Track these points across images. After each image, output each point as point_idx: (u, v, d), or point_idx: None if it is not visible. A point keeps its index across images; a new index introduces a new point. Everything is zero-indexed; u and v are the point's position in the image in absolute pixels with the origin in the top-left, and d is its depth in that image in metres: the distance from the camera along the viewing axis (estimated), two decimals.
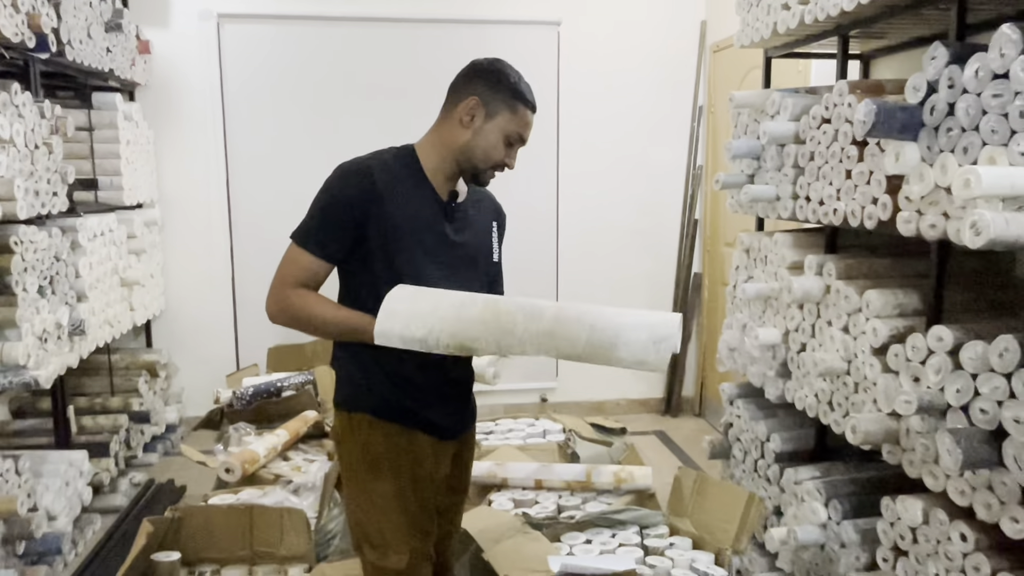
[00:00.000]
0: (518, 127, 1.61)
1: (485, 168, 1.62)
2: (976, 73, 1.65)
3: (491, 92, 1.59)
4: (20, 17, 2.68)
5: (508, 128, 1.60)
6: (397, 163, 1.61)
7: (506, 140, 1.61)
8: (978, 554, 1.71)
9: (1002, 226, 1.48)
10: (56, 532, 2.70)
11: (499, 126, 1.59)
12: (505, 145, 1.61)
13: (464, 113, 1.59)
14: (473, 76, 1.62)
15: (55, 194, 2.92)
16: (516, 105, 1.59)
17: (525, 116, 1.61)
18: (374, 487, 1.59)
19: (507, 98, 1.59)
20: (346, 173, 1.57)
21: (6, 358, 2.61)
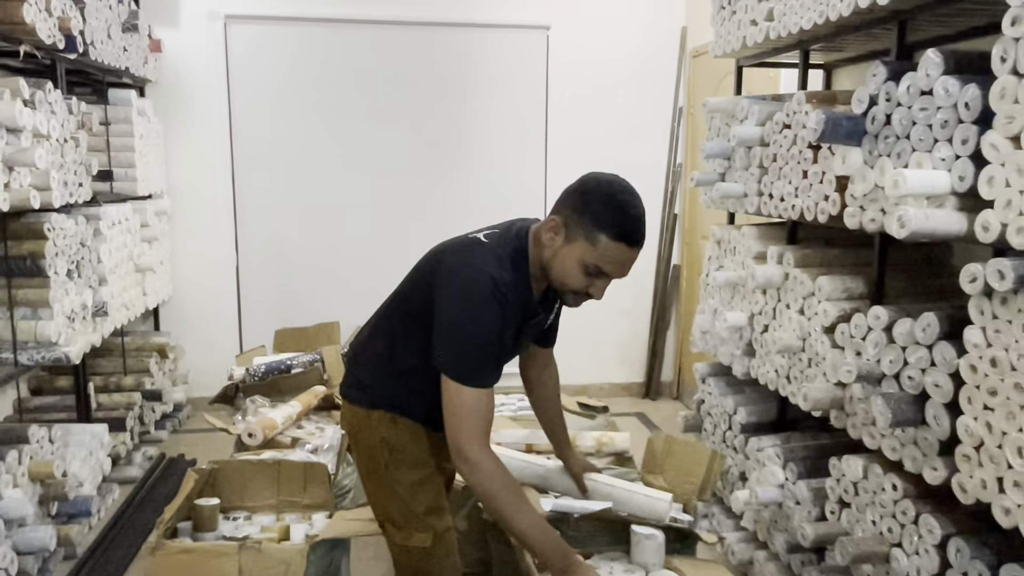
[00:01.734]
0: (597, 260, 1.49)
1: (563, 292, 1.58)
2: (908, 89, 1.93)
3: (575, 215, 1.50)
4: (53, 20, 2.90)
5: (585, 259, 1.50)
6: (514, 277, 1.54)
7: (584, 270, 1.51)
8: (906, 500, 2.00)
9: (922, 220, 1.77)
10: (85, 496, 2.94)
11: (575, 254, 1.50)
12: (583, 274, 1.51)
13: (546, 230, 1.54)
14: (569, 193, 1.55)
15: (80, 185, 3.15)
16: (597, 236, 1.47)
17: (608, 250, 1.48)
18: (395, 477, 1.68)
19: (588, 225, 1.48)
20: (499, 293, 1.49)
21: (40, 335, 2.85)
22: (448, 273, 1.55)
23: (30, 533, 2.53)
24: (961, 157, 1.77)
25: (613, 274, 1.52)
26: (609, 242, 1.47)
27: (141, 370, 3.99)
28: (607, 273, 1.51)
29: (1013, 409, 1.61)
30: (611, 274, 1.51)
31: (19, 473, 2.56)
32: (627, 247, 1.48)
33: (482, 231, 1.65)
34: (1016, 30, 1.58)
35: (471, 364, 1.49)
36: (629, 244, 1.48)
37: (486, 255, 1.54)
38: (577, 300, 1.58)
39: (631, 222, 1.48)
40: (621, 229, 1.47)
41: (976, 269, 1.67)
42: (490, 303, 1.48)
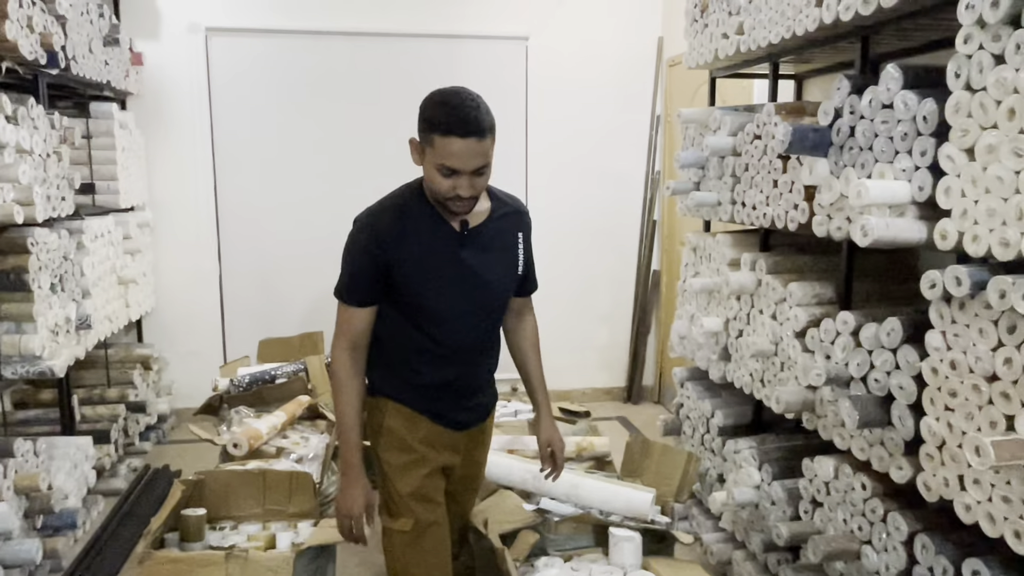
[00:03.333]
0: (441, 157, 1.57)
1: (441, 202, 1.66)
2: (870, 103, 2.01)
3: (419, 129, 1.63)
4: (35, 36, 2.92)
5: (436, 160, 1.59)
6: (412, 201, 1.71)
7: (440, 171, 1.59)
8: (875, 499, 2.07)
9: (883, 229, 1.84)
10: (70, 509, 2.95)
11: (429, 162, 1.61)
12: (442, 176, 1.60)
13: (413, 159, 1.67)
14: (419, 116, 1.64)
15: (63, 199, 3.17)
16: (431, 136, 1.58)
17: (445, 146, 1.56)
18: (385, 458, 1.79)
19: (426, 131, 1.60)
20: (361, 227, 1.71)
21: (24, 349, 2.86)
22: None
23: (16, 547, 2.55)
24: (920, 168, 1.85)
25: (461, 168, 1.57)
26: (442, 139, 1.56)
27: (125, 382, 4.00)
28: (456, 168, 1.57)
29: (971, 410, 1.68)
30: (459, 168, 1.57)
31: (4, 487, 2.57)
32: (459, 138, 1.55)
33: None
34: (968, 47, 1.66)
35: (340, 281, 1.73)
36: (460, 135, 1.55)
37: (373, 204, 1.75)
38: (455, 204, 1.64)
39: (453, 114, 1.55)
40: (447, 123, 1.55)
41: (935, 275, 1.74)
42: (357, 234, 1.70)
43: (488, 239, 1.76)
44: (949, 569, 1.82)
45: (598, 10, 4.72)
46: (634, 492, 2.08)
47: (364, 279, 1.70)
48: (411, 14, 4.53)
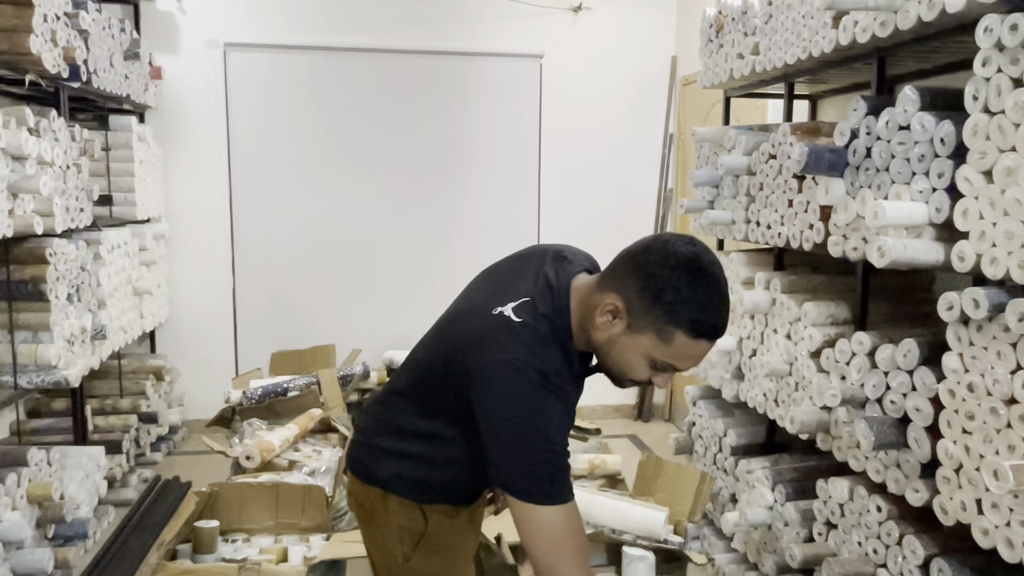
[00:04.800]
0: (670, 358, 1.22)
1: (620, 380, 1.32)
2: (887, 124, 2.01)
3: (642, 301, 1.19)
4: (58, 50, 2.97)
5: (654, 354, 1.22)
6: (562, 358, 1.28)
7: (651, 364, 1.24)
8: (890, 522, 2.05)
9: (900, 250, 1.84)
10: (81, 518, 2.95)
11: (641, 348, 1.22)
12: (649, 367, 1.25)
13: (600, 312, 1.24)
14: (633, 266, 1.22)
15: (82, 210, 3.21)
16: (672, 333, 1.18)
17: (685, 348, 1.20)
18: (419, 568, 1.44)
19: (660, 318, 1.18)
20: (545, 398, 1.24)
21: (40, 359, 2.89)
22: (485, 371, 1.26)
23: (28, 556, 2.55)
24: (937, 190, 1.84)
25: (687, 369, 1.26)
26: (687, 339, 1.18)
27: (137, 392, 4.01)
28: (681, 369, 1.25)
29: (990, 433, 1.67)
30: (684, 369, 1.26)
31: (18, 496, 2.58)
32: (708, 342, 1.21)
33: (507, 295, 1.32)
34: (986, 70, 1.66)
35: (544, 477, 1.22)
36: (710, 339, 1.20)
37: (526, 340, 1.26)
38: (634, 385, 1.33)
39: (716, 313, 1.19)
40: (704, 325, 1.18)
41: (953, 297, 1.73)
42: (546, 400, 1.23)
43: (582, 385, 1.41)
44: None
45: (612, 29, 4.75)
46: (647, 511, 2.07)
47: (564, 451, 1.26)
48: (427, 31, 4.57)
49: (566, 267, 1.36)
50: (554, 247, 1.44)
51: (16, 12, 2.75)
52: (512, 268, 1.43)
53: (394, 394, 1.49)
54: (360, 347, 4.10)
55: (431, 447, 1.41)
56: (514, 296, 1.31)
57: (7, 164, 2.60)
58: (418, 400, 1.43)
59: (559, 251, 1.42)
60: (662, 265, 1.19)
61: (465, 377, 1.29)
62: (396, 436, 1.44)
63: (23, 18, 2.76)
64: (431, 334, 1.48)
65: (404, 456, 1.43)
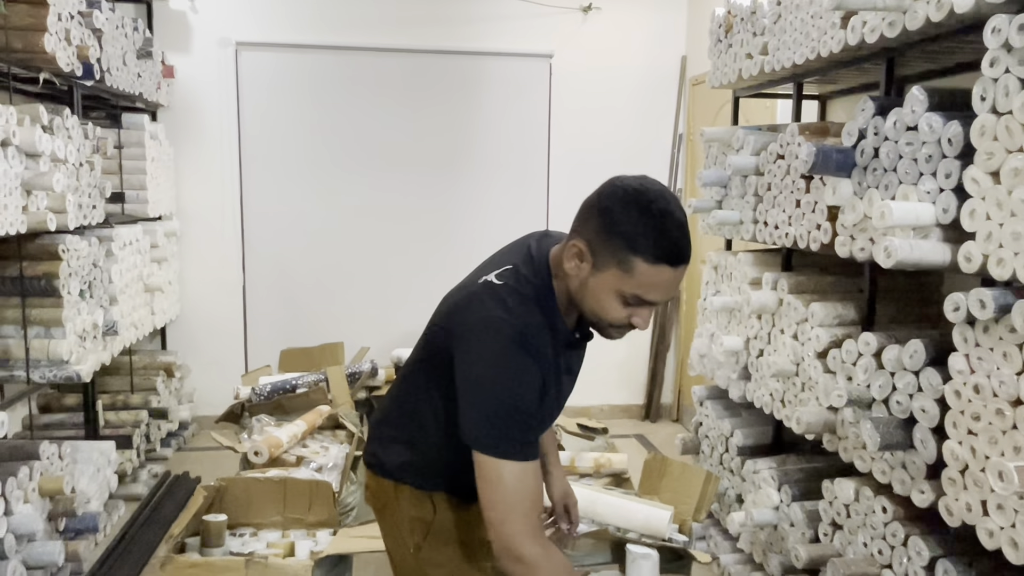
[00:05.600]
0: (638, 287, 1.22)
1: (602, 327, 1.32)
2: (894, 124, 2.01)
3: (601, 236, 1.23)
4: (72, 49, 3.00)
5: (620, 287, 1.23)
6: (541, 317, 1.30)
7: (621, 299, 1.24)
8: (895, 523, 2.05)
9: (907, 251, 1.84)
10: (92, 512, 2.98)
11: (608, 283, 1.23)
12: (621, 304, 1.25)
13: (568, 258, 1.28)
14: (589, 207, 1.27)
15: (94, 207, 3.24)
16: (632, 261, 1.20)
17: (647, 275, 1.20)
18: (430, 558, 1.46)
19: (619, 248, 1.20)
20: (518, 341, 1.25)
21: (52, 354, 2.92)
22: (465, 330, 1.30)
23: (39, 548, 2.58)
24: (945, 190, 1.84)
25: (657, 300, 1.24)
26: (647, 266, 1.19)
27: (148, 388, 4.05)
28: (653, 301, 1.24)
29: (995, 434, 1.67)
30: (654, 301, 1.24)
31: (30, 489, 2.61)
32: (670, 268, 1.20)
33: (493, 267, 1.38)
34: (994, 71, 1.66)
35: (506, 433, 1.24)
36: (672, 264, 1.20)
37: (505, 300, 1.29)
38: (620, 332, 1.32)
39: (671, 237, 1.19)
40: (661, 249, 1.19)
41: (959, 298, 1.73)
42: (520, 357, 1.24)
43: (580, 351, 1.46)
44: None
45: (622, 29, 4.75)
46: (652, 510, 2.08)
47: (535, 415, 1.27)
48: (437, 31, 4.59)
49: (548, 241, 1.43)
50: (541, 231, 1.52)
51: (31, 11, 2.79)
52: (502, 249, 1.51)
53: (398, 383, 1.55)
54: (368, 345, 4.12)
55: (432, 427, 1.43)
56: (499, 267, 1.38)
57: (21, 161, 2.63)
58: (418, 381, 1.46)
59: (546, 232, 1.51)
60: (613, 199, 1.24)
61: (451, 340, 1.33)
62: (400, 422, 1.48)
63: (38, 17, 2.79)
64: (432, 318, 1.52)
65: (408, 442, 1.46)
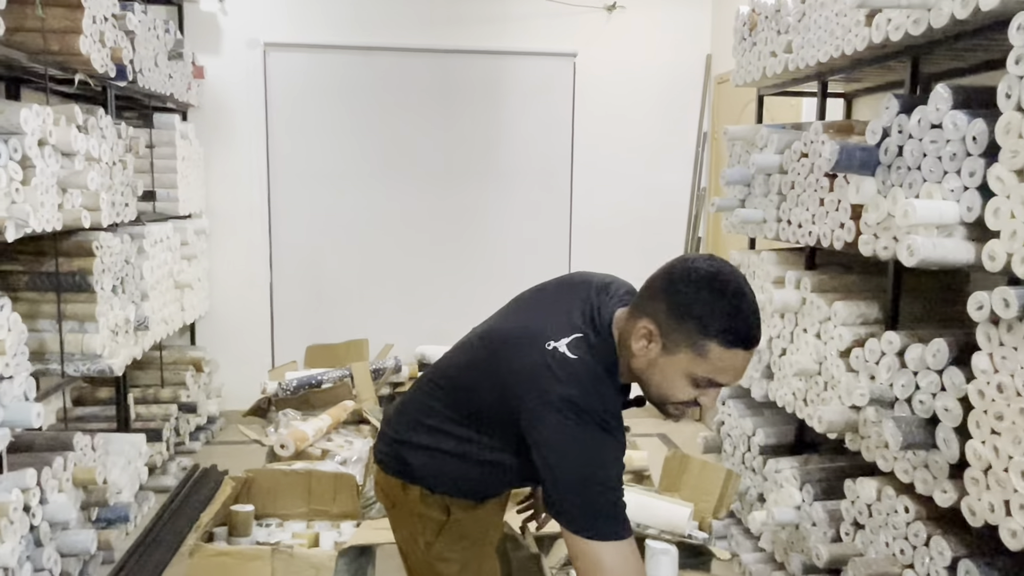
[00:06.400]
0: (709, 372, 1.22)
1: (664, 405, 1.31)
2: (919, 122, 2.00)
3: (672, 320, 1.22)
4: (106, 51, 3.07)
5: (693, 370, 1.23)
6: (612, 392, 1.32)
7: (692, 382, 1.24)
8: (917, 523, 2.04)
9: (930, 249, 1.83)
10: (123, 503, 3.06)
11: (679, 366, 1.23)
12: (692, 387, 1.25)
13: (635, 338, 1.26)
14: (658, 289, 1.25)
15: (127, 205, 3.32)
16: (706, 345, 1.19)
17: (721, 359, 1.20)
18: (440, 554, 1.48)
19: (693, 332, 1.20)
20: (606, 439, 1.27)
21: (86, 348, 3.00)
22: (544, 414, 1.27)
23: (73, 536, 2.65)
24: (969, 188, 1.83)
25: (728, 383, 1.26)
26: (722, 350, 1.19)
27: (178, 383, 4.13)
28: (723, 384, 1.25)
29: (1019, 433, 1.66)
30: (726, 384, 1.26)
31: (64, 479, 2.69)
32: (744, 351, 1.21)
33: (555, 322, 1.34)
34: (1020, 68, 1.65)
35: (601, 513, 1.24)
36: (747, 348, 1.21)
37: (582, 381, 1.28)
38: (681, 411, 1.32)
39: (747, 322, 1.20)
40: (736, 333, 1.19)
41: (983, 297, 1.72)
42: (604, 438, 1.26)
43: None
44: None
45: (647, 27, 4.75)
46: (672, 507, 2.09)
47: (621, 489, 1.27)
48: (462, 31, 4.62)
49: (610, 301, 1.37)
50: (598, 278, 1.46)
51: (67, 14, 2.86)
52: (559, 296, 1.44)
53: (427, 395, 1.51)
54: (392, 342, 4.15)
55: (465, 448, 1.43)
56: (566, 330, 1.33)
57: (57, 160, 2.70)
58: (455, 406, 1.45)
59: (604, 284, 1.43)
60: (685, 282, 1.22)
61: (519, 407, 1.31)
62: (427, 433, 1.47)
63: (73, 20, 2.86)
64: (476, 346, 1.47)
65: (435, 451, 1.46)
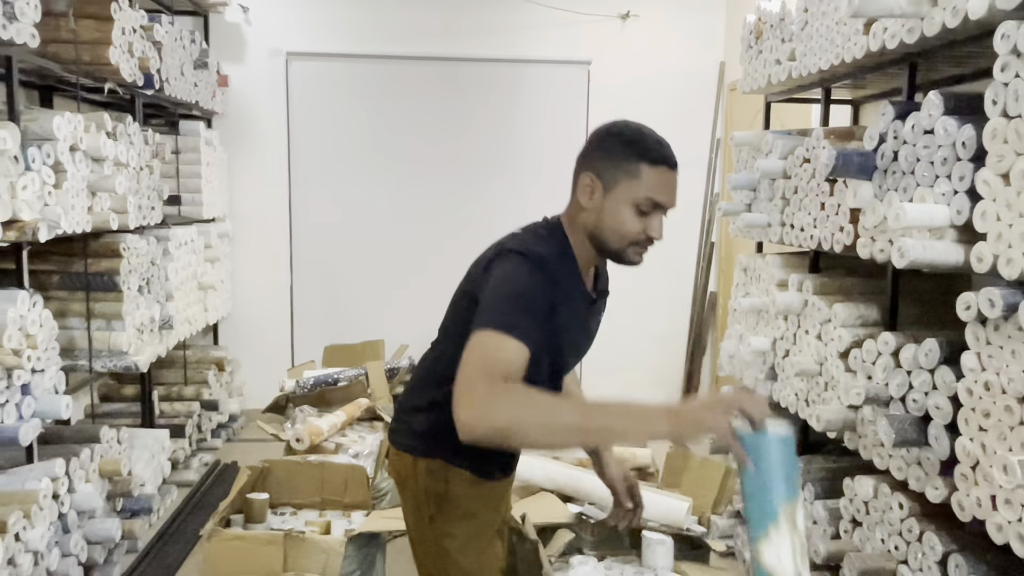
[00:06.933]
0: (647, 191, 1.38)
1: (623, 247, 1.44)
2: (912, 128, 2.05)
3: (604, 161, 1.41)
4: (134, 61, 3.21)
5: (634, 196, 1.39)
6: (563, 259, 1.46)
7: (637, 209, 1.40)
8: (911, 519, 2.09)
9: (920, 251, 1.88)
10: (147, 495, 3.18)
11: (622, 197, 1.40)
12: (638, 215, 1.40)
13: (581, 194, 1.44)
14: (587, 148, 1.46)
15: (153, 208, 3.45)
16: (637, 167, 1.38)
17: (653, 177, 1.38)
18: (446, 529, 1.53)
19: (622, 162, 1.39)
20: (541, 264, 1.38)
21: (113, 345, 3.12)
22: (499, 257, 1.42)
23: (99, 525, 2.77)
24: (959, 192, 1.88)
25: (667, 202, 1.41)
26: (651, 168, 1.39)
27: (200, 381, 4.26)
28: (661, 203, 1.41)
29: (1004, 430, 1.71)
30: (665, 203, 1.41)
31: (91, 469, 2.81)
32: (668, 169, 1.41)
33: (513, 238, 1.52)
34: (1005, 76, 1.71)
35: (502, 310, 1.29)
36: (669, 166, 1.41)
37: (525, 240, 1.45)
38: (638, 251, 1.46)
39: (660, 143, 1.42)
40: (657, 152, 1.40)
41: (970, 297, 1.77)
42: (532, 272, 1.36)
43: (597, 311, 1.62)
44: None
45: (661, 35, 4.83)
46: (671, 501, 2.15)
47: (537, 317, 1.33)
48: (479, 39, 4.73)
49: (549, 218, 1.58)
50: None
51: (98, 26, 3.00)
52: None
53: (423, 361, 1.64)
54: (407, 342, 4.25)
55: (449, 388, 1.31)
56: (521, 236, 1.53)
57: (87, 165, 2.83)
58: (441, 347, 1.56)
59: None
60: (605, 136, 1.45)
61: (473, 286, 1.45)
62: (423, 389, 1.57)
63: (104, 31, 3.00)
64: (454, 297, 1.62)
65: (428, 407, 1.53)
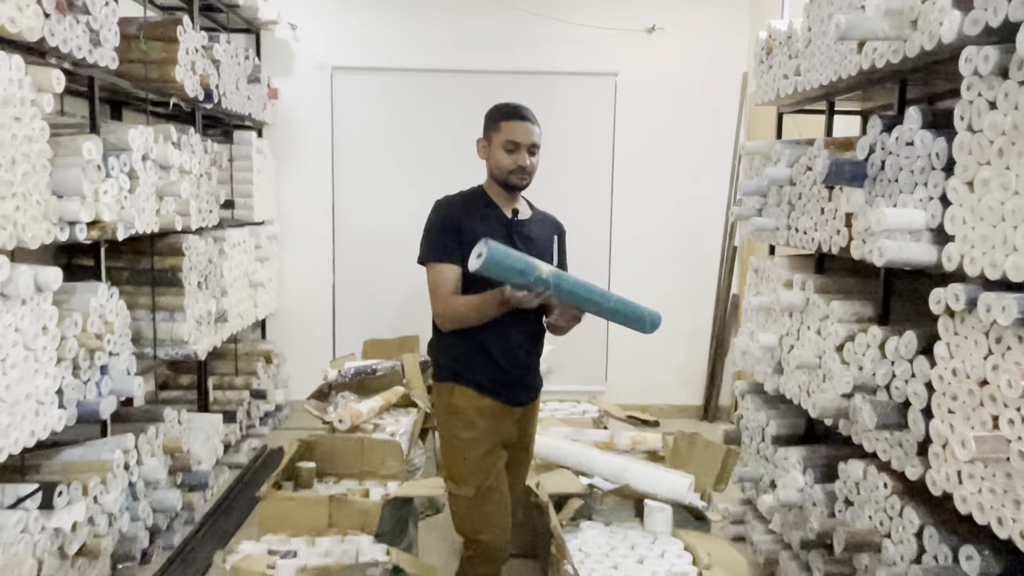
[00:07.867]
0: (507, 135, 2.12)
1: (506, 176, 2.15)
2: (896, 140, 2.25)
3: (485, 128, 2.19)
4: (196, 77, 3.54)
5: (503, 139, 2.12)
6: (473, 195, 2.24)
7: (505, 149, 2.13)
8: (894, 496, 2.28)
9: (896, 251, 2.09)
10: (204, 471, 3.50)
11: (496, 146, 2.14)
12: (507, 153, 2.13)
13: (480, 153, 2.21)
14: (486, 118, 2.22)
15: (211, 211, 3.78)
16: (499, 124, 2.14)
17: (510, 126, 2.13)
18: (454, 433, 2.14)
19: (493, 121, 2.16)
20: (441, 204, 2.23)
21: (175, 335, 3.45)
22: None
23: (162, 495, 3.09)
24: (933, 199, 2.08)
25: (523, 141, 2.11)
26: (507, 122, 2.12)
27: (250, 372, 4.59)
28: (519, 142, 2.11)
29: (968, 412, 1.90)
30: (522, 142, 2.12)
31: (156, 445, 3.13)
32: (519, 120, 2.13)
33: None
34: (970, 94, 1.91)
35: (426, 250, 2.16)
36: (519, 118, 2.12)
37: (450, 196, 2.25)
38: (517, 177, 2.15)
39: (513, 106, 2.16)
40: (509, 111, 2.14)
41: (940, 293, 1.97)
42: (437, 211, 2.20)
43: (530, 230, 2.23)
44: (949, 555, 2.02)
45: (685, 48, 5.04)
46: (675, 477, 2.37)
47: (448, 238, 2.11)
48: (511, 53, 5.01)
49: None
50: None
51: (164, 47, 3.34)
52: None
53: None
54: None
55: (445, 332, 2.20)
56: None
57: (156, 172, 3.16)
58: None
59: None
60: (485, 115, 2.22)
61: None
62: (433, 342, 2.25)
63: (170, 52, 3.34)
64: None
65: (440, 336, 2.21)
